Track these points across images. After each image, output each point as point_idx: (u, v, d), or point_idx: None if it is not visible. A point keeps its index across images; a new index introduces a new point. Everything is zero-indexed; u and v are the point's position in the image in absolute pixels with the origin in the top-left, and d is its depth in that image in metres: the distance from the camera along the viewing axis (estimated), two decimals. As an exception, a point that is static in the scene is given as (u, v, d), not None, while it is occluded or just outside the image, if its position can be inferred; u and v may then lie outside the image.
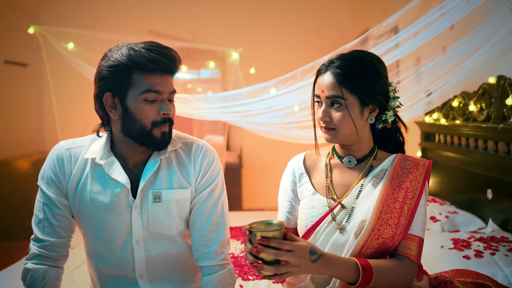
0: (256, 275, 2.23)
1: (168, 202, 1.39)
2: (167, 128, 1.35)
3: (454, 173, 2.90)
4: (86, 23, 4.80)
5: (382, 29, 2.03)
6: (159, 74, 1.29)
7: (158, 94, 1.30)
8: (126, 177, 1.36)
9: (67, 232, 1.41)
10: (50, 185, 1.40)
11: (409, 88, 2.35)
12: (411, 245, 1.31)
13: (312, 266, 1.16)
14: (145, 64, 1.26)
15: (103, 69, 1.30)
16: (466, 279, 1.49)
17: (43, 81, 5.11)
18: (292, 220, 1.47)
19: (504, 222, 2.30)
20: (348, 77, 1.29)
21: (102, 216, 1.37)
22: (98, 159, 1.37)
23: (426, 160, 1.39)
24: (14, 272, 2.34)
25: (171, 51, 1.32)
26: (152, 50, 1.28)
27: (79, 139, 1.46)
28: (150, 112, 1.30)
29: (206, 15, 5.37)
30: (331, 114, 1.32)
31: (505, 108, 2.20)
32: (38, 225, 1.38)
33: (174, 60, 1.32)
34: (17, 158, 4.57)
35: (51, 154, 1.42)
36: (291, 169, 1.48)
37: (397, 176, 1.34)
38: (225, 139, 4.85)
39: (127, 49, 1.28)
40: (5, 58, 4.70)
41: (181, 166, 1.43)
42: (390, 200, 1.31)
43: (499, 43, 1.86)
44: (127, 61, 1.27)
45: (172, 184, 1.40)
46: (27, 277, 1.36)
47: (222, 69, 5.40)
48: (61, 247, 1.39)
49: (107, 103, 1.32)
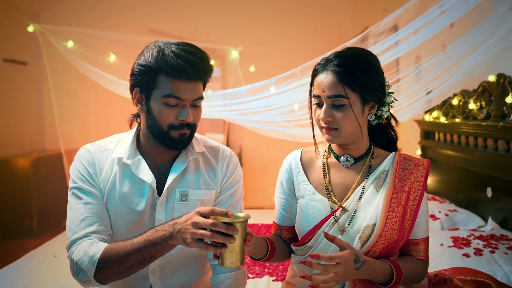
0: (256, 273, 2.23)
1: (194, 201, 1.43)
2: (187, 131, 1.36)
3: (453, 171, 2.90)
4: (86, 22, 4.79)
5: (382, 27, 2.03)
6: (184, 80, 1.31)
7: (180, 100, 1.32)
8: (152, 176, 1.39)
9: (109, 225, 1.38)
10: (85, 181, 1.38)
11: (408, 86, 2.36)
12: (419, 248, 1.38)
13: (355, 273, 1.20)
14: (169, 71, 1.29)
15: (135, 66, 1.35)
16: (466, 277, 1.49)
17: (43, 80, 5.11)
18: (288, 218, 1.47)
19: (503, 220, 2.30)
20: (350, 75, 1.27)
21: (129, 215, 1.39)
22: (125, 159, 1.39)
23: (425, 160, 1.39)
24: (14, 270, 2.35)
25: (199, 59, 1.31)
26: (180, 56, 1.29)
27: (102, 142, 1.46)
28: (169, 116, 1.33)
29: (206, 14, 5.37)
30: (334, 114, 1.30)
31: (505, 106, 2.19)
32: (79, 225, 1.32)
33: (200, 68, 1.31)
34: (17, 156, 4.56)
35: (79, 157, 1.41)
36: (288, 166, 1.47)
37: (399, 178, 1.34)
38: (225, 138, 4.86)
39: (157, 51, 1.31)
40: (4, 57, 4.70)
41: (209, 168, 1.48)
42: (394, 205, 1.32)
43: (499, 41, 1.86)
44: (154, 64, 1.30)
45: (199, 184, 1.44)
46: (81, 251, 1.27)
47: (222, 68, 5.39)
48: (106, 233, 1.36)
49: (135, 97, 1.37)
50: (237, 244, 1.12)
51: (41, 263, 2.46)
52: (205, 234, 1.11)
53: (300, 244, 1.40)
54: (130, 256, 1.22)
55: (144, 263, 1.24)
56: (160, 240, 1.20)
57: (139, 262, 1.23)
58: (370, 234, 1.30)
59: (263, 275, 2.23)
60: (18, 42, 4.83)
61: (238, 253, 1.14)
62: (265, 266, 2.32)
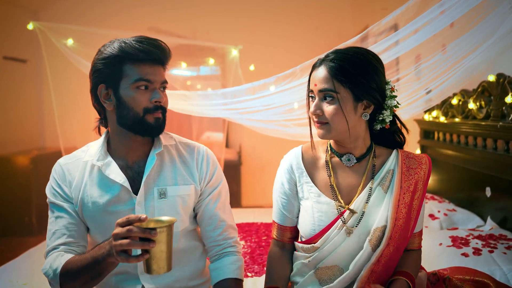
0: (255, 272, 2.23)
1: (174, 198, 1.42)
2: (160, 115, 1.37)
3: (453, 171, 2.91)
4: (86, 20, 4.79)
5: (382, 26, 2.03)
6: (150, 64, 1.34)
7: (150, 83, 1.34)
8: (123, 177, 1.38)
9: (84, 234, 1.42)
10: (56, 196, 1.41)
11: (408, 86, 2.35)
12: (415, 240, 1.41)
13: None
14: (136, 54, 1.32)
15: (96, 63, 1.36)
16: (465, 277, 1.49)
17: (43, 77, 5.11)
18: (290, 219, 1.45)
19: (502, 220, 2.30)
20: (340, 70, 1.28)
21: (105, 218, 1.38)
22: (95, 161, 1.39)
23: (427, 158, 1.40)
24: (13, 268, 2.35)
25: (161, 43, 1.37)
26: (142, 41, 1.34)
27: (76, 152, 1.49)
28: (142, 100, 1.34)
29: (206, 13, 5.37)
30: (323, 108, 1.30)
31: (504, 106, 2.20)
32: (54, 236, 1.38)
33: (164, 50, 1.36)
34: (17, 154, 4.56)
35: (52, 173, 1.45)
36: (289, 166, 1.44)
37: (405, 178, 1.35)
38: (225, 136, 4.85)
39: (118, 43, 1.35)
40: (4, 54, 4.69)
41: (184, 164, 1.47)
42: (402, 206, 1.32)
43: (499, 41, 1.86)
44: (119, 53, 1.32)
45: (176, 180, 1.44)
46: (46, 265, 1.33)
47: (221, 66, 5.40)
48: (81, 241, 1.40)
49: (101, 94, 1.37)
50: (159, 250, 1.07)
51: (40, 261, 2.45)
52: (123, 243, 1.08)
53: (305, 243, 1.39)
54: (81, 272, 1.24)
55: (97, 278, 1.24)
56: (102, 258, 1.18)
57: (92, 277, 1.24)
58: (382, 236, 1.30)
59: (262, 273, 2.23)
60: (18, 40, 4.83)
61: (162, 259, 1.08)
62: (264, 264, 2.32)
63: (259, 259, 2.38)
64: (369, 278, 1.29)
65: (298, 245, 1.42)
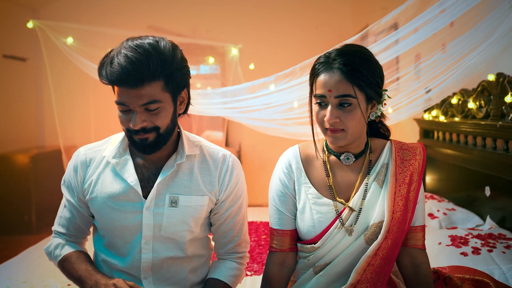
0: (255, 270, 2.23)
1: (185, 208, 1.37)
2: (147, 135, 1.27)
3: (452, 170, 2.91)
4: (86, 19, 4.79)
5: (382, 25, 2.03)
6: (125, 88, 1.22)
7: (125, 106, 1.25)
8: (135, 178, 1.35)
9: (86, 227, 1.50)
10: (69, 189, 1.46)
11: (408, 85, 2.35)
12: (417, 235, 1.36)
13: None
14: (105, 80, 1.23)
15: None
16: (464, 276, 1.49)
17: (42, 76, 5.11)
18: (289, 219, 1.40)
19: (501, 219, 2.31)
20: (358, 73, 1.23)
21: (112, 214, 1.37)
22: (110, 158, 1.37)
23: (421, 146, 1.39)
24: (13, 266, 2.35)
25: (137, 65, 1.18)
26: (120, 64, 1.19)
27: (98, 142, 1.47)
28: (124, 122, 1.28)
29: (206, 11, 5.36)
30: (340, 115, 1.25)
31: (504, 105, 2.19)
32: (59, 221, 1.48)
33: (137, 75, 1.19)
34: (16, 152, 4.56)
35: (70, 161, 1.47)
36: (288, 165, 1.41)
37: (400, 171, 1.34)
38: (224, 135, 4.86)
39: (107, 57, 1.25)
40: (4, 53, 4.69)
41: (204, 173, 1.41)
42: (398, 198, 1.31)
43: (499, 40, 1.85)
44: (99, 72, 1.26)
45: (191, 189, 1.38)
46: (50, 247, 1.48)
47: (221, 65, 5.39)
48: (80, 234, 1.51)
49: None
50: None
51: (40, 259, 2.45)
52: None
53: (305, 243, 1.38)
54: (72, 278, 1.40)
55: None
56: (87, 286, 1.32)
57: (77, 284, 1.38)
58: (378, 232, 1.30)
59: (261, 272, 2.23)
60: (18, 38, 4.82)
61: None
62: (263, 263, 2.32)
63: (258, 257, 2.38)
64: (365, 270, 1.29)
65: (298, 245, 1.42)
